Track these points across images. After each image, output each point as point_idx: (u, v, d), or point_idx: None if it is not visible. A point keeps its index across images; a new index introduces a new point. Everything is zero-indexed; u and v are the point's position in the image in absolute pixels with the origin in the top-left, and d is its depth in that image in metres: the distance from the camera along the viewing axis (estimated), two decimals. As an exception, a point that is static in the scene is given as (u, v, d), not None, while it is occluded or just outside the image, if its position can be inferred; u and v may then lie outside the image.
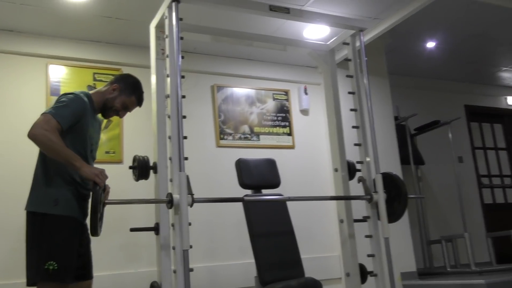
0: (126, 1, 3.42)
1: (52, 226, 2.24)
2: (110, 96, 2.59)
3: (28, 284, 2.25)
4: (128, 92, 2.63)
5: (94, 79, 3.92)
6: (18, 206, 2.44)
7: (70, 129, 2.34)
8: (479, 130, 6.52)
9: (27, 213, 2.32)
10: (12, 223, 3.25)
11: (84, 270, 2.46)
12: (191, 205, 2.29)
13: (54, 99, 3.67)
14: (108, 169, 2.68)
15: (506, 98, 6.72)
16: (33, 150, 2.41)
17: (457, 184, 5.11)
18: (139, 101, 2.67)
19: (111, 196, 2.60)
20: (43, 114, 2.29)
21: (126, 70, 4.00)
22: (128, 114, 3.89)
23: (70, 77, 3.83)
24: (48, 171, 2.34)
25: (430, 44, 5.11)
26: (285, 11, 2.79)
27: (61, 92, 3.69)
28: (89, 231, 2.48)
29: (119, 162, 3.78)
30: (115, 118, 3.81)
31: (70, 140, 2.35)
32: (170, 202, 2.25)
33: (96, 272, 2.60)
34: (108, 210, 2.60)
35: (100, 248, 2.60)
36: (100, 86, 3.81)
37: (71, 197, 2.34)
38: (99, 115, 2.67)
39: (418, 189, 5.25)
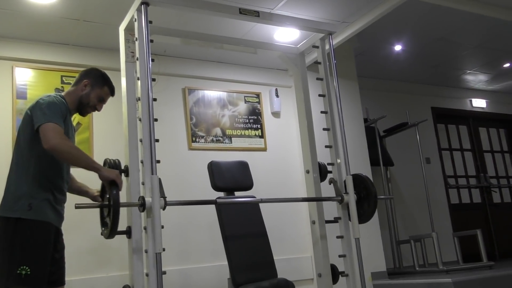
0: (94, 3, 3.38)
1: (25, 231, 2.21)
2: (83, 93, 2.57)
3: None
4: (100, 83, 2.62)
5: (62, 82, 3.85)
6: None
7: None
8: (445, 131, 6.68)
9: (1, 218, 2.27)
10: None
11: (57, 276, 2.43)
12: (164, 208, 2.28)
13: (20, 102, 3.64)
14: (78, 173, 2.66)
15: (471, 100, 6.90)
16: (1, 153, 2.37)
17: (424, 185, 5.22)
18: (111, 90, 2.67)
19: (81, 199, 2.56)
20: (43, 124, 2.26)
21: (95, 73, 3.96)
22: (97, 117, 3.87)
23: (37, 80, 3.76)
24: (22, 174, 2.31)
25: (397, 47, 5.21)
26: (255, 15, 2.81)
27: (28, 96, 3.67)
28: (63, 237, 2.46)
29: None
30: (84, 121, 3.78)
31: None
32: (142, 205, 2.24)
33: (67, 277, 2.56)
34: (78, 215, 2.57)
35: (70, 252, 2.56)
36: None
37: (46, 201, 2.32)
38: (74, 116, 2.64)
39: (388, 190, 5.34)
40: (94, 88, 2.60)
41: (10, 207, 2.26)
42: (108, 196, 2.27)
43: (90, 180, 2.65)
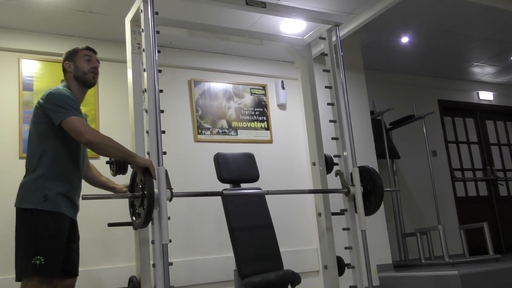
0: (101, -6, 3.38)
1: (40, 222, 2.24)
2: (72, 70, 2.57)
3: (17, 280, 2.26)
4: (74, 52, 2.61)
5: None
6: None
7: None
8: (452, 124, 6.65)
9: (16, 209, 2.31)
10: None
11: (72, 267, 2.46)
12: (170, 200, 2.29)
13: (27, 94, 3.65)
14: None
15: (478, 93, 6.86)
16: (8, 143, 2.38)
17: (431, 178, 5.20)
18: (88, 48, 2.65)
19: (88, 191, 2.57)
20: (66, 119, 2.29)
21: (101, 65, 3.93)
22: (103, 109, 3.88)
23: (43, 72, 3.76)
24: (38, 166, 2.33)
25: (404, 40, 5.18)
26: (262, 6, 2.80)
27: (34, 87, 3.68)
28: (78, 227, 2.48)
29: (96, 157, 3.71)
30: (91, 114, 3.79)
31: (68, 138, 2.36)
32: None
33: (74, 268, 2.58)
34: (85, 205, 2.59)
35: (77, 244, 2.57)
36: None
37: (61, 193, 2.33)
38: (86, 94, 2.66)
39: (394, 182, 5.32)
40: (74, 58, 2.58)
41: (27, 198, 2.28)
42: (141, 186, 2.27)
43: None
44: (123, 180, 2.67)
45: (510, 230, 6.39)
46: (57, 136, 2.36)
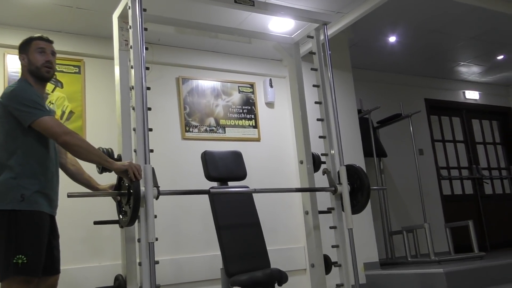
0: (88, -10, 3.34)
1: (19, 222, 2.21)
2: (26, 63, 2.44)
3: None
4: (25, 44, 2.47)
5: (55, 70, 3.81)
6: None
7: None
8: (438, 123, 6.70)
9: None
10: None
11: (55, 264, 2.43)
12: (157, 198, 2.28)
13: (12, 90, 3.59)
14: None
15: (464, 92, 6.92)
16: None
17: (417, 176, 5.25)
18: (39, 37, 2.48)
19: (73, 188, 2.55)
20: (37, 120, 2.24)
21: (88, 61, 3.93)
22: (90, 105, 3.85)
23: (30, 68, 3.72)
24: (10, 166, 2.28)
25: (392, 39, 5.20)
26: (250, 4, 2.80)
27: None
28: (57, 225, 2.45)
29: (82, 155, 3.70)
30: (77, 110, 3.76)
31: (37, 134, 2.31)
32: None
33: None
34: (70, 203, 2.56)
35: (63, 241, 2.54)
36: (61, 77, 3.76)
37: (38, 191, 2.30)
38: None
39: (381, 181, 5.36)
40: (26, 51, 2.45)
41: (3, 199, 2.23)
42: (128, 184, 2.26)
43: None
44: (109, 178, 2.64)
45: (495, 228, 6.47)
46: (25, 134, 2.30)
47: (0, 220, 2.22)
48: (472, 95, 6.98)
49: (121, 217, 2.38)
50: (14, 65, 3.67)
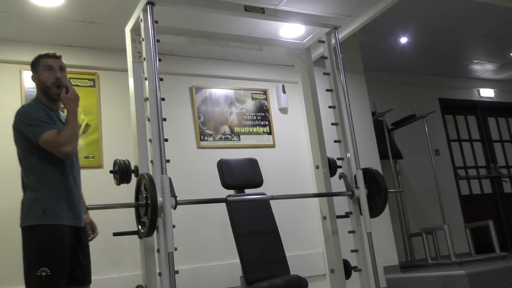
0: (99, 5, 3.38)
1: (42, 236, 2.26)
2: (37, 83, 2.50)
3: None
4: (35, 63, 2.51)
5: (70, 84, 3.86)
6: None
7: None
8: (453, 122, 6.64)
9: (21, 228, 2.32)
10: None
11: (82, 274, 2.45)
12: (175, 208, 2.29)
13: (29, 106, 3.65)
14: (88, 174, 2.68)
15: (478, 90, 6.85)
16: (13, 155, 2.40)
17: (434, 177, 5.20)
18: (46, 55, 2.50)
19: (92, 201, 2.58)
20: (40, 137, 2.29)
21: (102, 74, 3.98)
22: (106, 118, 3.88)
23: (45, 83, 3.77)
24: (31, 184, 2.34)
25: (403, 40, 5.18)
26: (260, 11, 2.81)
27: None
28: (86, 235, 2.51)
29: (99, 166, 3.74)
30: (93, 123, 3.79)
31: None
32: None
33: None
34: (90, 215, 2.59)
35: (83, 254, 2.57)
36: (77, 91, 3.79)
37: (59, 205, 2.34)
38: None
39: (398, 183, 5.32)
40: (37, 70, 2.49)
41: (27, 216, 2.30)
42: (146, 195, 2.28)
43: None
44: (127, 189, 2.67)
45: (516, 227, 6.38)
46: (39, 151, 2.34)
47: (24, 236, 2.29)
48: (487, 92, 6.91)
49: (139, 227, 2.40)
50: (30, 81, 3.71)
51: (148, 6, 2.47)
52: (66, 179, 2.42)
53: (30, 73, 2.53)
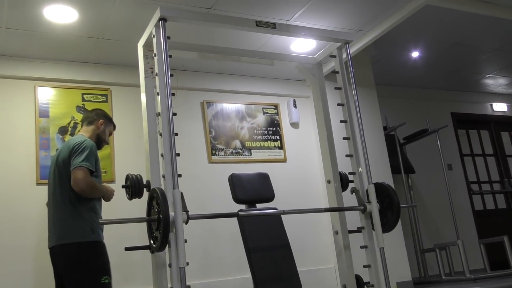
0: (112, 21, 3.43)
1: (96, 250, 2.72)
2: (100, 131, 3.00)
3: None
4: (110, 122, 3.10)
5: (83, 100, 3.91)
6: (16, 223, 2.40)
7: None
8: (466, 137, 6.59)
9: (65, 244, 2.66)
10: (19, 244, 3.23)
11: None
12: (186, 222, 2.28)
13: (43, 120, 3.71)
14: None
15: (491, 105, 6.81)
16: (25, 170, 2.41)
17: (447, 192, 5.15)
18: (115, 127, 3.18)
19: (104, 215, 2.60)
20: (78, 168, 2.67)
21: (114, 90, 4.02)
22: (118, 133, 3.92)
23: (59, 98, 3.83)
24: (77, 206, 2.71)
25: (414, 54, 5.18)
26: (272, 26, 2.82)
27: (50, 114, 3.76)
28: None
29: (111, 181, 3.76)
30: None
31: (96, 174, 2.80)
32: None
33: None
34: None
35: (94, 269, 2.58)
36: (89, 106, 3.83)
37: (98, 223, 2.74)
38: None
39: (410, 198, 5.27)
40: (107, 125, 3.05)
41: (75, 234, 2.67)
42: (158, 209, 2.28)
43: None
44: (139, 204, 2.67)
45: (531, 242, 6.27)
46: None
47: (82, 250, 2.67)
48: (500, 107, 6.86)
49: (151, 242, 2.40)
50: (44, 96, 3.78)
51: (160, 22, 2.50)
52: (99, 202, 2.87)
53: (47, 86, 2.70)
